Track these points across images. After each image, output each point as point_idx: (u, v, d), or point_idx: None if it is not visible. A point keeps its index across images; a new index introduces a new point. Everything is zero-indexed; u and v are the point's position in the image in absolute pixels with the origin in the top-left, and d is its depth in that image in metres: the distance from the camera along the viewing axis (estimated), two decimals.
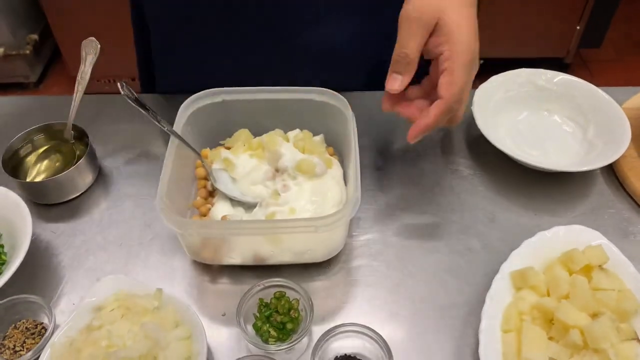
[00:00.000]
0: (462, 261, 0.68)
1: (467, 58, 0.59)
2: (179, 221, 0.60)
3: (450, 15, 0.59)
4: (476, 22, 0.62)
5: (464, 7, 0.61)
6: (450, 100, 0.59)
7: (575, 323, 0.56)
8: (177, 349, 0.56)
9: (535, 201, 0.74)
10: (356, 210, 0.59)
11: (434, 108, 0.59)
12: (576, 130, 0.81)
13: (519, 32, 2.48)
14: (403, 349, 0.59)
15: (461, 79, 0.59)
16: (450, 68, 0.59)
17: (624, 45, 2.88)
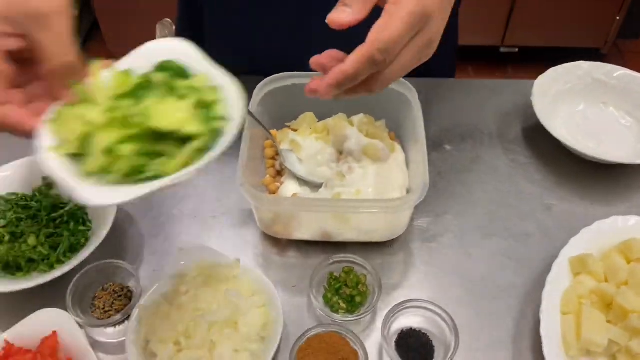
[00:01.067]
0: (519, 246, 0.71)
1: (413, 10, 0.48)
2: (258, 195, 0.64)
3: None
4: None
5: None
6: (374, 46, 0.47)
7: (635, 308, 0.59)
8: (256, 315, 0.61)
9: (591, 192, 0.76)
10: (424, 196, 0.63)
11: (354, 53, 0.48)
12: (633, 123, 0.83)
13: (556, 21, 2.46)
14: (465, 325, 0.63)
15: (397, 27, 0.48)
16: (390, 12, 0.48)
17: None
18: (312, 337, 0.60)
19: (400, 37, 0.48)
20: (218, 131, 0.46)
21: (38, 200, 0.71)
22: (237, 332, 0.59)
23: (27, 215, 0.70)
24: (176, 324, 0.58)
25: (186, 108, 0.46)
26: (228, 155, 0.72)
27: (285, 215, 0.68)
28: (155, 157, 0.45)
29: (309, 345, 0.59)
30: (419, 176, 0.66)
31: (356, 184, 0.71)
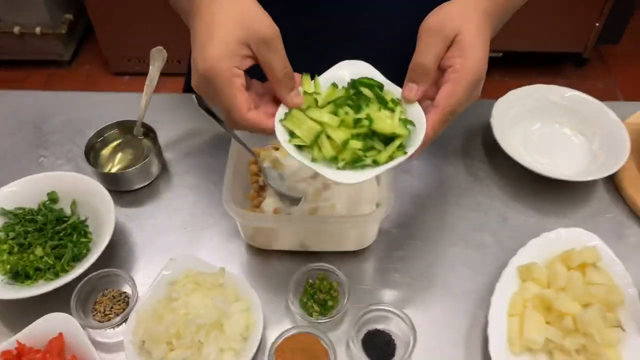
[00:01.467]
0: (476, 255, 0.79)
1: (474, 76, 0.60)
2: (241, 213, 0.72)
3: (470, 33, 0.61)
4: (488, 48, 0.63)
5: (484, 28, 0.63)
6: (445, 110, 0.59)
7: (569, 311, 0.67)
8: (239, 319, 0.69)
9: (543, 205, 0.85)
10: (389, 211, 0.71)
11: (430, 117, 0.60)
12: (583, 141, 0.92)
13: (538, 26, 2.54)
14: (424, 326, 0.71)
15: (463, 93, 0.60)
16: (455, 80, 0.59)
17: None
18: (288, 337, 0.68)
19: (463, 101, 0.61)
20: (411, 134, 0.60)
21: (44, 214, 0.79)
22: (223, 334, 0.67)
23: (33, 228, 0.78)
24: (169, 326, 0.66)
25: (395, 116, 0.60)
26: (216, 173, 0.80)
27: (266, 229, 0.76)
28: (367, 150, 0.59)
29: (285, 344, 0.67)
30: (387, 192, 0.74)
31: (331, 199, 0.79)
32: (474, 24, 0.62)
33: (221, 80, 0.56)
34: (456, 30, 0.60)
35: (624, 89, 2.68)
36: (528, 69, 2.74)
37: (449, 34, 0.60)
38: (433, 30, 0.61)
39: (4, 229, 0.78)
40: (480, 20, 0.63)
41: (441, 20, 0.61)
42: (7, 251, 0.75)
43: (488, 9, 0.65)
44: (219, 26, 0.57)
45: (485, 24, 0.64)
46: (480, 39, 0.61)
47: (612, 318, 0.68)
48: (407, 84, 0.62)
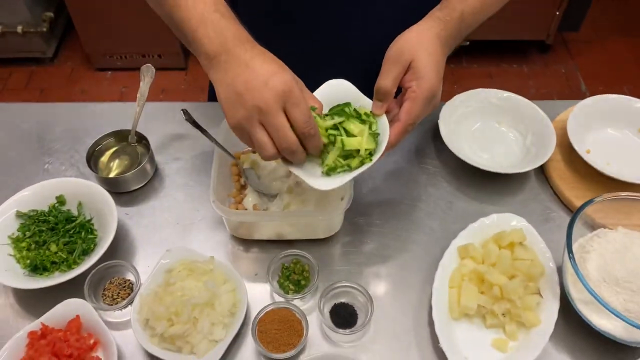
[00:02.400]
0: (425, 237, 0.94)
1: (428, 95, 0.75)
2: (226, 210, 0.85)
3: (422, 59, 0.75)
4: (443, 65, 0.78)
5: (436, 52, 0.76)
6: (406, 123, 0.75)
7: (497, 282, 0.82)
8: (227, 298, 0.83)
9: (482, 193, 1.00)
10: (349, 205, 0.85)
11: (394, 129, 0.75)
12: (518, 137, 1.06)
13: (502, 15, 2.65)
14: (380, 298, 0.86)
15: (419, 109, 0.75)
16: (413, 99, 0.75)
17: (603, 26, 3.08)
18: (268, 311, 0.82)
19: (421, 115, 0.76)
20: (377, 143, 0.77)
21: (54, 215, 0.92)
22: (214, 310, 0.81)
23: (46, 228, 0.90)
24: (168, 306, 0.80)
25: (365, 133, 0.76)
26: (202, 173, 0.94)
27: (247, 223, 0.90)
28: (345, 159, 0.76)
29: (266, 317, 0.82)
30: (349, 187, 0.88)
31: (302, 195, 0.93)
32: (427, 50, 0.75)
33: (301, 96, 0.69)
34: (411, 57, 0.75)
35: (584, 72, 2.84)
36: (494, 56, 2.88)
37: (405, 61, 0.75)
38: (392, 58, 0.75)
39: (20, 229, 0.90)
40: (433, 45, 0.76)
41: (399, 49, 0.76)
42: (26, 248, 0.88)
43: (440, 33, 0.78)
44: (282, 65, 0.70)
45: (438, 47, 0.77)
46: (433, 62, 0.75)
47: (533, 287, 0.84)
48: (375, 102, 0.77)
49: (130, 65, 2.79)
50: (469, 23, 0.84)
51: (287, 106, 0.69)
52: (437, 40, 0.78)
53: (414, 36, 0.77)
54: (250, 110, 0.68)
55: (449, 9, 0.81)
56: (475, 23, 0.86)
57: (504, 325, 0.82)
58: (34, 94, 2.74)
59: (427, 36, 0.77)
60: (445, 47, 0.79)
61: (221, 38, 0.71)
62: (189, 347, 0.78)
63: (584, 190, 0.98)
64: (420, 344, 0.82)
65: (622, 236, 0.84)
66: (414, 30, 0.78)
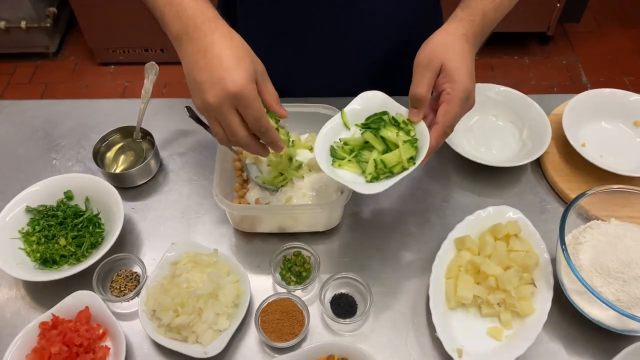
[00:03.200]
0: (423, 230, 0.97)
1: (462, 95, 0.76)
2: (229, 204, 0.88)
3: (453, 60, 0.76)
4: (473, 63, 0.79)
5: (465, 52, 0.77)
6: (444, 125, 0.76)
7: (493, 273, 0.85)
8: (230, 289, 0.85)
9: (479, 186, 1.02)
10: (349, 199, 0.87)
11: (433, 132, 0.77)
12: (514, 131, 1.08)
13: None
14: (379, 288, 0.88)
15: (456, 110, 0.76)
16: (448, 100, 0.76)
17: (604, 17, 3.08)
18: (271, 302, 0.85)
19: (458, 115, 0.77)
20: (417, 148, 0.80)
21: (63, 210, 0.94)
22: (218, 301, 0.84)
23: (56, 222, 0.93)
24: (174, 298, 0.82)
25: (401, 142, 0.79)
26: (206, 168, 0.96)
27: (250, 216, 0.93)
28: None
29: (268, 308, 0.84)
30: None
31: (303, 189, 0.96)
32: (456, 52, 0.76)
33: (252, 98, 0.70)
34: (442, 61, 0.76)
35: (585, 64, 2.85)
36: (495, 48, 2.89)
37: (436, 66, 0.76)
38: (423, 65, 0.76)
39: (30, 224, 0.93)
40: (461, 45, 0.77)
41: (428, 55, 0.76)
42: (36, 242, 0.91)
43: (468, 32, 0.79)
44: (241, 57, 0.70)
45: (466, 46, 0.78)
46: (463, 63, 0.76)
47: (528, 277, 0.86)
48: (411, 109, 0.80)
49: (133, 60, 2.81)
50: (492, 20, 0.85)
51: (238, 107, 0.70)
52: (465, 41, 0.78)
53: (441, 40, 0.78)
54: (204, 102, 0.70)
55: (471, 8, 0.82)
56: (497, 19, 0.87)
57: (499, 315, 0.85)
58: (38, 88, 2.77)
59: (454, 38, 0.78)
60: (473, 47, 0.80)
61: (183, 18, 0.71)
62: (195, 336, 0.81)
63: (578, 182, 1.00)
64: (418, 332, 0.85)
65: (615, 228, 0.86)
66: (440, 33, 0.79)
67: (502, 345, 0.82)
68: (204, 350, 0.80)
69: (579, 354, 0.83)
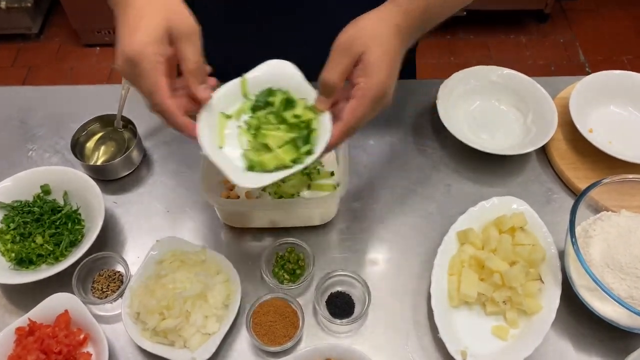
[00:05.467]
0: (423, 222, 0.91)
1: (376, 94, 0.64)
2: (217, 200, 0.82)
3: (375, 52, 0.64)
4: (399, 60, 0.67)
5: (391, 45, 0.65)
6: (349, 124, 0.65)
7: (498, 269, 0.80)
8: (220, 290, 0.80)
9: (481, 175, 0.97)
10: (345, 191, 0.82)
11: (335, 128, 0.66)
12: (518, 116, 1.03)
13: None
14: (378, 286, 0.83)
15: (365, 109, 0.65)
16: (359, 97, 0.64)
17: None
18: (263, 302, 0.80)
19: (367, 116, 0.66)
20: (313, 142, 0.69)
21: (39, 206, 0.88)
22: (207, 303, 0.79)
23: (31, 219, 0.87)
24: (159, 300, 0.77)
25: (285, 142, 0.69)
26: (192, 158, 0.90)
27: (240, 211, 0.87)
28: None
29: (261, 309, 0.80)
30: (344, 174, 0.85)
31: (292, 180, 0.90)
32: (381, 43, 0.65)
33: (147, 64, 0.61)
34: (363, 49, 0.64)
35: (583, 42, 2.79)
36: (491, 27, 2.82)
37: (356, 52, 0.64)
38: (342, 48, 0.65)
39: (4, 221, 0.87)
40: (389, 37, 0.66)
41: (350, 38, 0.65)
42: (11, 240, 0.85)
43: (401, 24, 0.67)
44: (146, 15, 0.62)
45: (394, 40, 0.66)
46: (386, 57, 0.65)
47: (534, 273, 0.81)
48: (318, 96, 0.68)
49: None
50: (434, 15, 0.74)
51: (133, 75, 0.63)
52: (395, 32, 0.67)
53: (369, 24, 0.66)
54: (117, 69, 0.64)
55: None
56: (441, 17, 0.75)
57: (505, 313, 0.80)
58: (21, 72, 2.68)
59: (384, 26, 0.67)
60: (404, 41, 0.69)
61: None
62: (182, 341, 0.76)
63: (585, 170, 0.95)
64: (419, 332, 0.80)
65: (626, 219, 0.82)
66: (371, 17, 0.68)
67: (508, 345, 0.78)
68: (192, 355, 0.75)
69: (588, 353, 0.78)
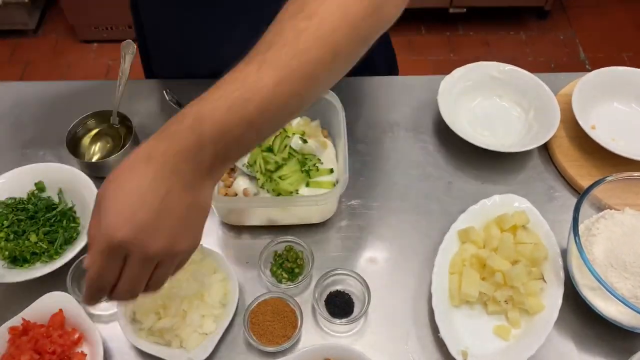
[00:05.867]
0: (424, 220, 0.90)
1: (102, 245, 0.49)
2: (216, 197, 0.80)
3: (107, 188, 0.51)
4: (156, 192, 0.50)
5: (134, 178, 0.50)
6: (87, 284, 0.53)
7: (500, 268, 0.79)
8: (217, 288, 0.79)
9: (483, 172, 0.95)
10: (344, 188, 0.80)
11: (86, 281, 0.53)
12: (520, 113, 1.01)
13: None
14: (378, 285, 0.82)
15: (95, 263, 0.51)
16: (89, 247, 0.52)
17: None
18: (261, 301, 0.79)
19: (99, 274, 0.51)
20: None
21: (34, 203, 0.87)
22: (204, 302, 0.77)
23: (26, 217, 0.86)
24: (156, 299, 0.76)
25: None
26: None
27: (238, 209, 0.86)
28: None
29: (259, 308, 0.78)
30: (343, 171, 0.83)
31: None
32: (118, 177, 0.51)
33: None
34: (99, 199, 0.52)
35: (583, 39, 2.78)
36: (491, 23, 2.81)
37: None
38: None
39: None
40: (131, 173, 0.51)
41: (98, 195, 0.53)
42: (4, 238, 0.84)
43: (153, 153, 0.51)
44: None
45: (146, 168, 0.50)
46: (123, 194, 0.50)
47: (537, 272, 0.80)
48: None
49: (117, 37, 2.69)
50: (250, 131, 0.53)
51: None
52: (145, 158, 0.51)
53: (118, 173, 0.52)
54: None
55: (182, 114, 0.52)
56: (266, 131, 0.56)
57: (507, 312, 0.79)
58: (17, 68, 2.66)
59: (131, 165, 0.52)
60: (159, 176, 0.50)
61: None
62: (178, 340, 0.75)
63: (588, 168, 0.94)
64: (419, 332, 0.79)
65: (630, 218, 0.80)
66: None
67: (510, 346, 0.77)
68: (188, 355, 0.74)
69: (591, 354, 0.77)
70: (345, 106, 0.89)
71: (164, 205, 0.50)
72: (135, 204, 0.49)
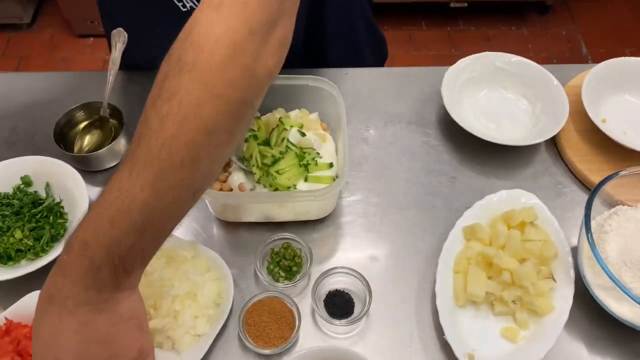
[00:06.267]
0: (427, 217, 0.86)
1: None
2: (208, 192, 0.77)
3: (33, 336, 0.53)
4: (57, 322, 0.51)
5: (48, 323, 0.51)
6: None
7: (507, 266, 0.75)
8: (211, 288, 0.75)
9: (488, 167, 0.92)
10: (344, 183, 0.77)
11: None
12: (527, 105, 0.98)
13: None
14: (379, 284, 0.79)
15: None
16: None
17: None
18: (256, 301, 0.75)
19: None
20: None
21: (19, 198, 0.83)
22: (196, 302, 0.74)
23: (11, 212, 0.82)
24: (146, 299, 0.71)
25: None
26: None
27: (233, 205, 0.82)
28: None
29: (254, 308, 0.74)
30: (343, 166, 0.80)
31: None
32: (35, 330, 0.53)
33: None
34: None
35: (585, 34, 2.74)
36: (492, 18, 2.77)
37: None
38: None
39: None
40: (42, 320, 0.53)
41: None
42: None
43: (53, 292, 0.52)
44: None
45: (51, 321, 0.52)
46: (50, 325, 0.52)
47: (546, 271, 0.77)
48: None
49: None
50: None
51: None
52: (47, 297, 0.53)
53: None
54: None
55: (70, 242, 0.52)
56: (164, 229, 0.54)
57: (514, 313, 0.75)
58: (12, 62, 2.62)
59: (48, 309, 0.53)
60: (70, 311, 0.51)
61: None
62: (170, 342, 0.72)
63: (598, 162, 0.90)
64: (423, 334, 0.76)
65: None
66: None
67: (519, 348, 0.73)
68: (180, 358, 0.70)
69: (603, 357, 0.74)
70: (344, 98, 0.85)
71: (82, 338, 0.50)
72: (57, 351, 0.50)
